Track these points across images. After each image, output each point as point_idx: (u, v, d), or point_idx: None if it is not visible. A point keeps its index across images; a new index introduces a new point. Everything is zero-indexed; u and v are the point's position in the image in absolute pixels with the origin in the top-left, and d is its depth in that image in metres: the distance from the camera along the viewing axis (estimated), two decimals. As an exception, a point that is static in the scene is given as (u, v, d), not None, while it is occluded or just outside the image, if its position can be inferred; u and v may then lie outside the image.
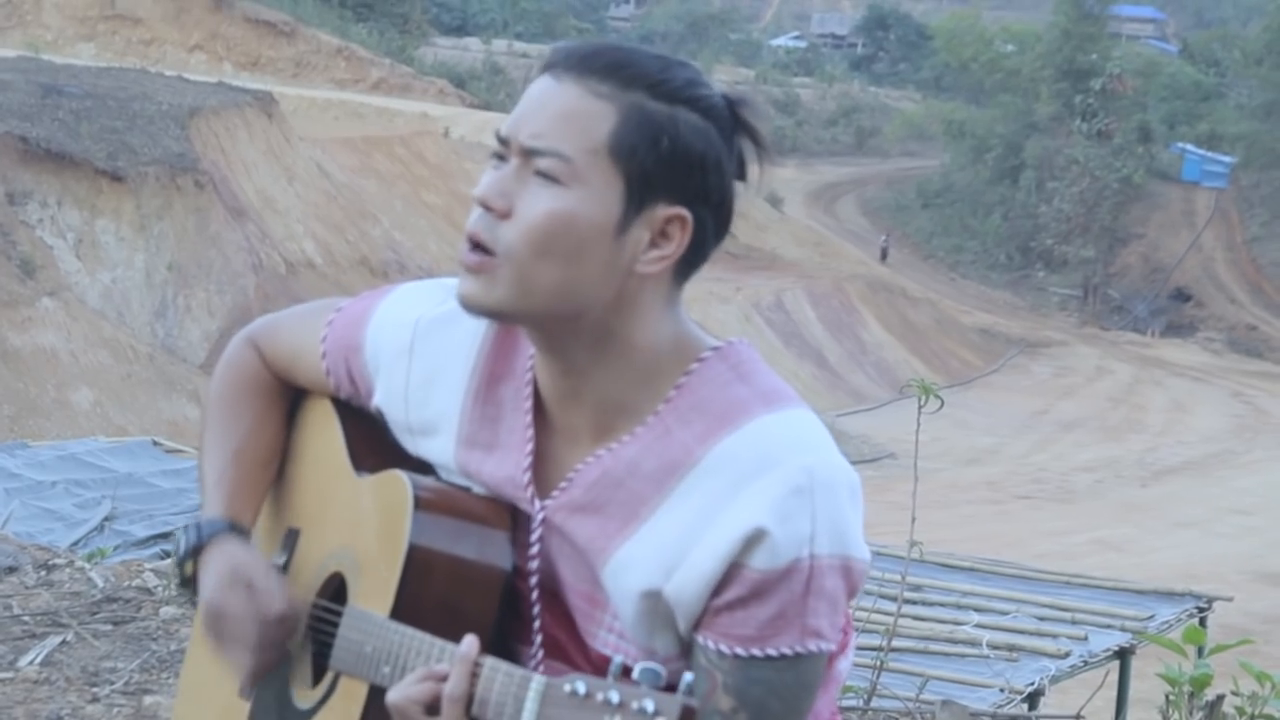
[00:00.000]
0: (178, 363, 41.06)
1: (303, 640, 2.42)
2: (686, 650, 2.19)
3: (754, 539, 2.08)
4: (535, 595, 2.27)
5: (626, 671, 1.91)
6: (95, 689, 4.83)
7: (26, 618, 5.36)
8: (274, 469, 2.57)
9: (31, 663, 4.98)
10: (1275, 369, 71.73)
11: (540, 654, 2.28)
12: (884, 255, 77.37)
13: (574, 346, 2.19)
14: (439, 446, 2.34)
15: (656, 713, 1.79)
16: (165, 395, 39.19)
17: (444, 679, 2.03)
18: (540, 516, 2.24)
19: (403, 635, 2.17)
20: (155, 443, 17.19)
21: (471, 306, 2.17)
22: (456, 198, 56.72)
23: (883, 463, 42.63)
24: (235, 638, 2.37)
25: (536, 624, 2.28)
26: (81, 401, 37.65)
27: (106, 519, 13.38)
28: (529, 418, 2.27)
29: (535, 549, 2.25)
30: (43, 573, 5.86)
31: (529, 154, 2.13)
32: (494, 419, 2.29)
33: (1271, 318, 77.93)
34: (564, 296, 2.14)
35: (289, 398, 2.59)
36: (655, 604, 2.16)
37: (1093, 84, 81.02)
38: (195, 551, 2.43)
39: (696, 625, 2.15)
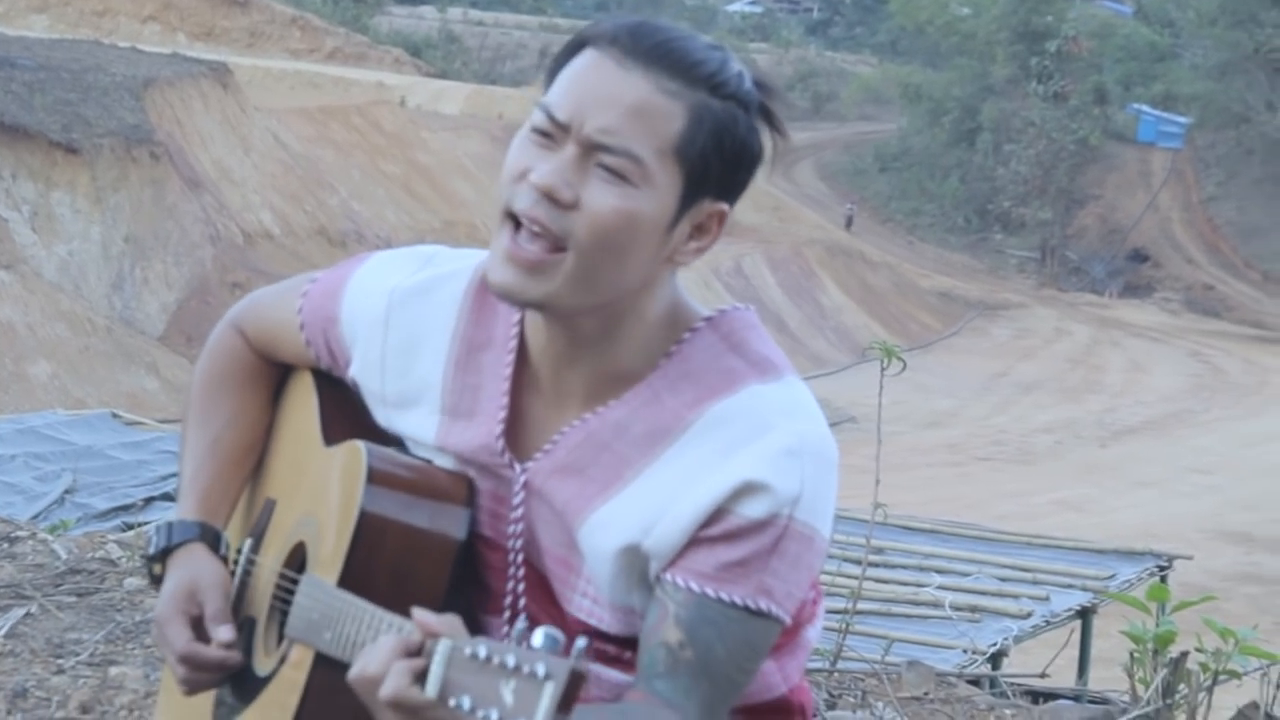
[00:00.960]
0: (136, 335, 40.92)
1: (270, 609, 2.43)
2: None
3: (746, 489, 2.11)
4: (518, 560, 2.27)
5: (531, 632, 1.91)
6: (60, 660, 4.83)
7: (-11, 590, 5.35)
8: (255, 455, 2.58)
9: (-4, 635, 4.98)
10: (1232, 328, 72.09)
11: (509, 626, 2.28)
12: (849, 223, 77.38)
13: (588, 323, 2.19)
14: (416, 419, 2.34)
15: (547, 676, 1.81)
16: (124, 367, 39.07)
17: (410, 654, 1.99)
18: (522, 479, 2.24)
19: (344, 602, 2.18)
20: (114, 415, 17.14)
21: (517, 300, 2.16)
22: (414, 167, 56.59)
23: (843, 426, 42.68)
24: (171, 664, 2.40)
25: (512, 595, 2.28)
26: (39, 374, 37.51)
27: (67, 492, 13.34)
28: (507, 384, 2.26)
29: (519, 513, 2.25)
30: (5, 545, 5.85)
31: (596, 147, 2.10)
32: (475, 387, 2.29)
33: (1228, 277, 78.28)
34: (611, 289, 2.15)
35: (273, 378, 2.60)
36: (633, 559, 2.16)
37: (1048, 46, 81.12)
38: (165, 553, 2.44)
39: (666, 566, 2.15)
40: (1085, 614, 12.72)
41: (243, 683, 2.42)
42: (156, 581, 2.46)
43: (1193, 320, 73.81)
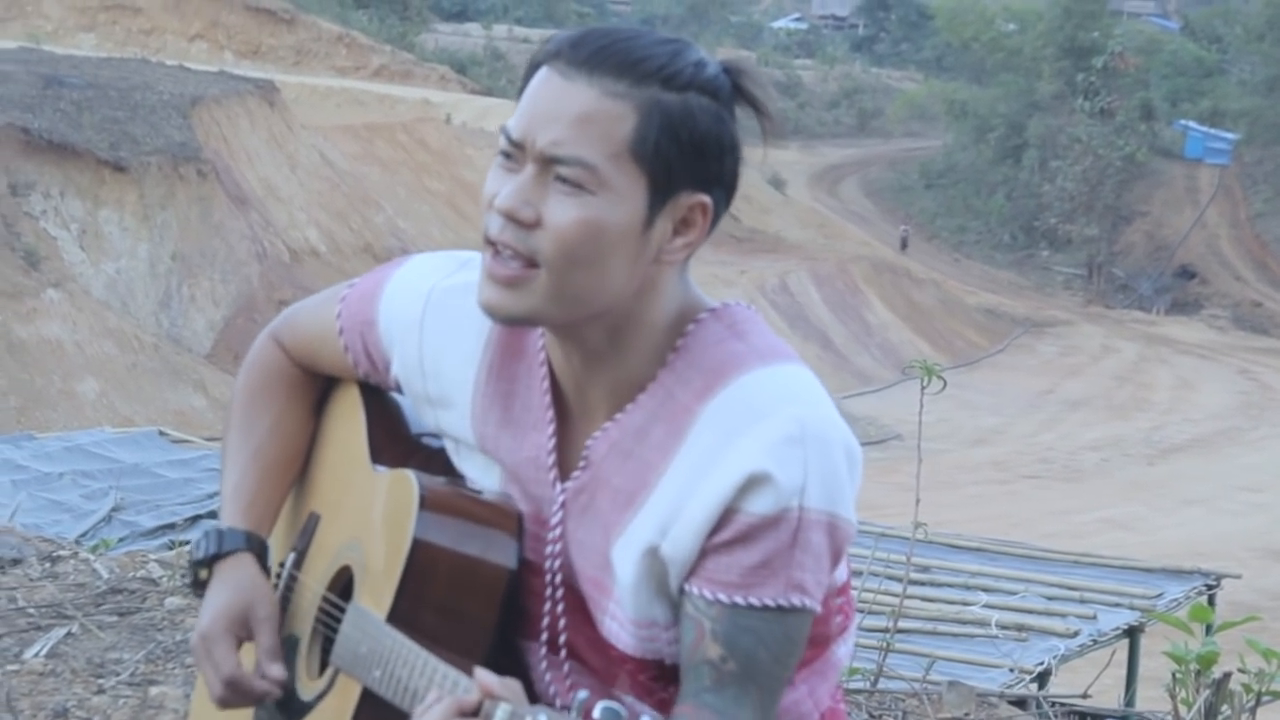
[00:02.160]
0: (183, 352, 41.07)
1: (313, 631, 2.42)
2: None
3: (750, 483, 2.08)
4: (556, 581, 2.25)
5: (593, 706, 1.89)
6: (101, 680, 4.83)
7: (31, 610, 5.36)
8: (297, 468, 2.57)
9: (37, 655, 4.98)
10: (1281, 345, 71.70)
11: (547, 650, 2.27)
12: (904, 245, 77.15)
13: (594, 336, 2.18)
14: (454, 418, 2.33)
15: None
16: (171, 385, 39.22)
17: (464, 713, 1.98)
18: (561, 499, 2.23)
19: (395, 642, 2.17)
20: (161, 433, 17.23)
21: (500, 316, 2.16)
22: (459, 184, 56.70)
23: (889, 444, 42.64)
24: (210, 680, 2.39)
25: (549, 617, 2.26)
26: (87, 392, 37.68)
27: (113, 510, 13.41)
28: (548, 398, 2.26)
29: (556, 533, 2.24)
30: (47, 564, 5.85)
31: (549, 161, 2.10)
32: (507, 394, 2.28)
33: (1276, 294, 77.84)
34: (594, 298, 2.13)
35: (314, 390, 2.59)
36: (652, 564, 2.14)
37: (1094, 62, 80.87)
38: (213, 559, 2.44)
39: (687, 574, 2.14)
40: (1133, 633, 12.66)
41: (284, 704, 2.41)
42: (200, 586, 2.45)
43: (1241, 337, 73.42)
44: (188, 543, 10.04)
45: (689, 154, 2.12)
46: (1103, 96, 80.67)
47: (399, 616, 2.20)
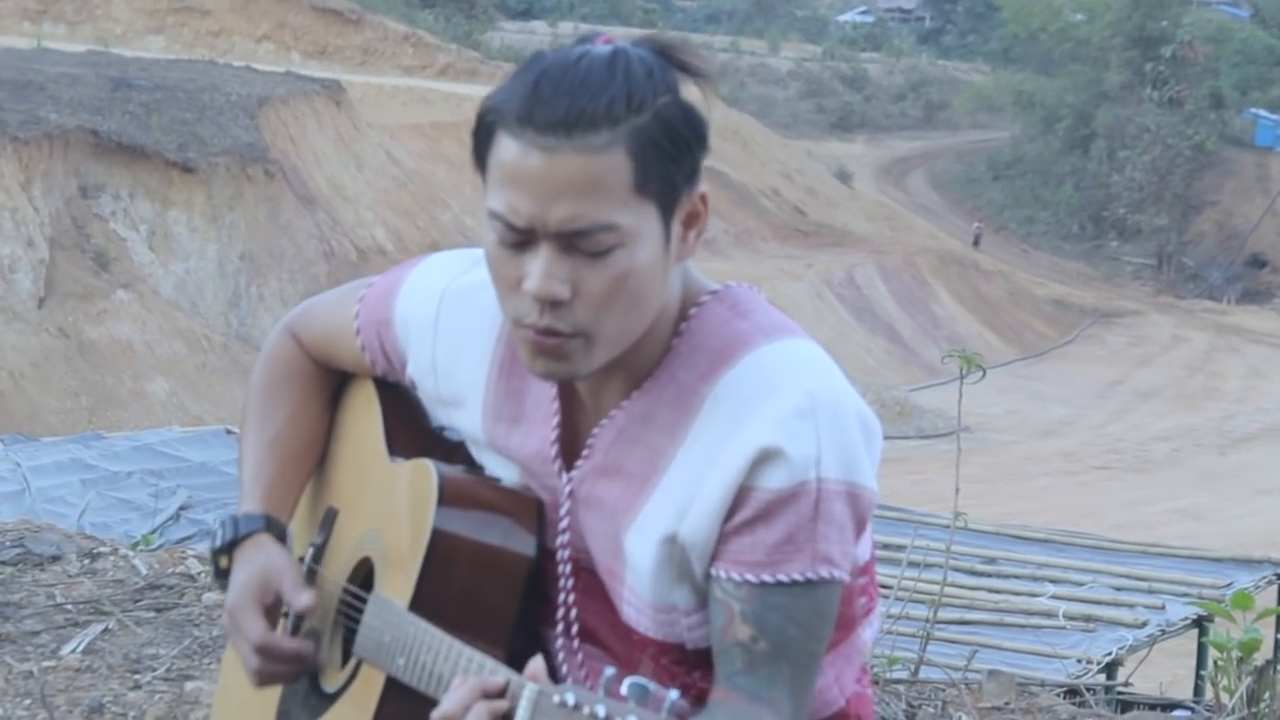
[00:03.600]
0: (251, 351, 41.23)
1: (334, 623, 2.43)
2: (705, 601, 2.18)
3: (762, 459, 2.08)
4: (568, 570, 2.26)
5: (620, 681, 1.89)
6: (137, 676, 4.85)
7: (69, 606, 5.40)
8: (314, 457, 2.59)
9: (74, 651, 5.02)
10: (1353, 334, 71.10)
11: (563, 637, 2.27)
12: (976, 241, 76.81)
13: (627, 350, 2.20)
14: (467, 418, 2.35)
15: None
16: (240, 384, 39.35)
17: (490, 695, 1.99)
18: (568, 489, 2.23)
19: (418, 629, 2.18)
20: (229, 431, 17.28)
21: (566, 379, 2.17)
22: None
23: (955, 437, 42.45)
24: (243, 654, 2.40)
25: (564, 606, 2.27)
26: (157, 392, 37.92)
27: (181, 508, 13.47)
28: (554, 390, 2.27)
29: (565, 522, 2.24)
30: (86, 561, 5.89)
31: (570, 236, 2.08)
32: (519, 391, 2.29)
33: (1349, 282, 77.23)
34: (641, 329, 2.15)
35: (330, 384, 2.60)
36: (671, 550, 2.14)
37: (1163, 51, 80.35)
38: (231, 546, 2.45)
39: (711, 559, 2.14)
40: (1202, 623, 12.57)
41: (308, 697, 2.42)
42: (223, 575, 2.46)
43: (1313, 326, 72.86)
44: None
45: (678, 159, 2.12)
46: (1171, 86, 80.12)
47: (421, 605, 2.21)
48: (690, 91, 2.16)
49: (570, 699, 1.85)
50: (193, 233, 42.49)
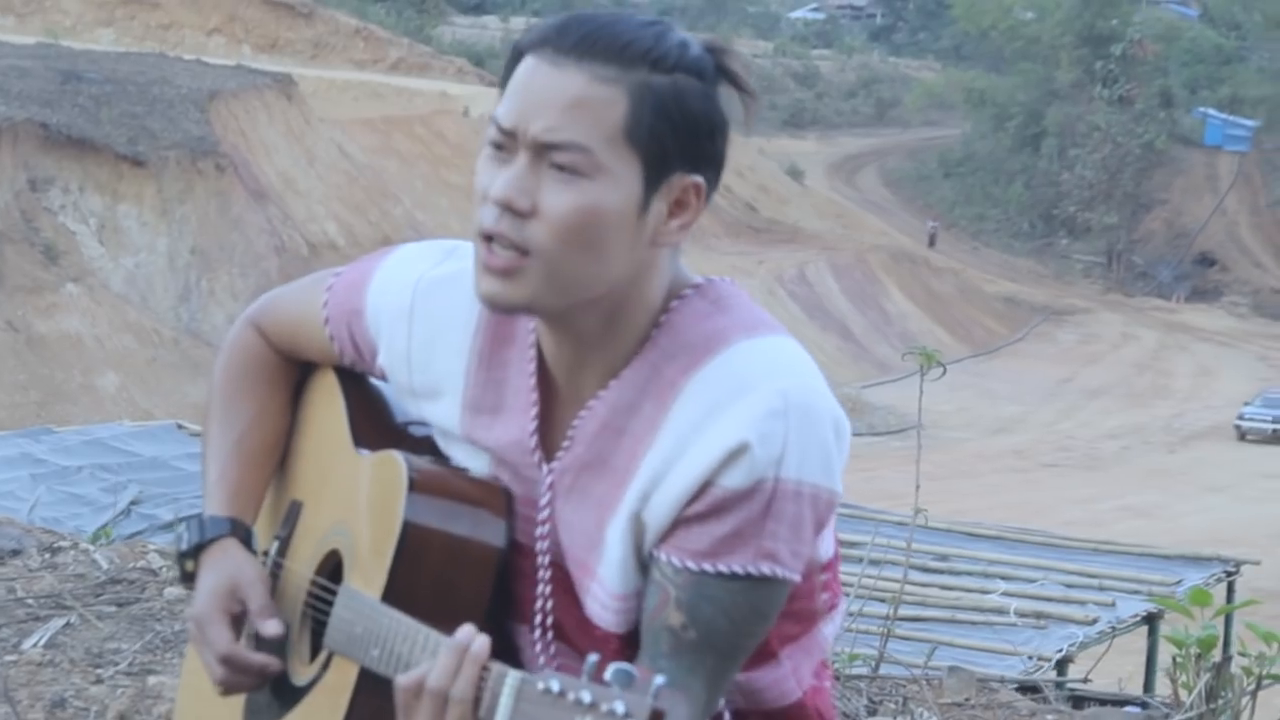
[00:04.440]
0: (202, 346, 41.15)
1: (302, 616, 2.42)
2: None
3: (733, 455, 2.07)
4: (546, 563, 2.25)
5: (604, 667, 1.89)
6: (99, 670, 4.83)
7: (30, 600, 5.37)
8: (278, 454, 2.57)
9: (35, 645, 4.99)
10: (1301, 332, 71.59)
11: (539, 632, 2.27)
12: (932, 241, 77.07)
13: (589, 321, 2.18)
14: (443, 410, 2.33)
15: (627, 714, 1.78)
16: (190, 379, 39.28)
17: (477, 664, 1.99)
18: (549, 480, 2.23)
19: (392, 620, 2.17)
20: (180, 426, 17.22)
21: (499, 306, 2.15)
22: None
23: (909, 433, 42.55)
24: (208, 663, 2.38)
25: (540, 599, 2.26)
26: (107, 386, 37.80)
27: (132, 503, 13.42)
28: (533, 380, 2.25)
29: (545, 514, 2.24)
30: (47, 555, 5.87)
31: (544, 148, 2.10)
32: (499, 381, 2.28)
33: (1297, 281, 77.76)
34: (593, 283, 2.13)
35: (293, 376, 2.59)
36: (635, 530, 2.14)
37: (1113, 50, 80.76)
38: (198, 550, 2.44)
39: (659, 541, 2.14)
40: (1152, 620, 12.65)
41: (278, 691, 2.41)
42: (189, 579, 2.44)
43: (1261, 324, 73.33)
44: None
45: (681, 135, 2.11)
46: (1121, 84, 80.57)
47: (392, 597, 2.20)
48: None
49: (555, 686, 1.84)
50: (143, 226, 42.34)
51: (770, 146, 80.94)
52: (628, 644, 2.20)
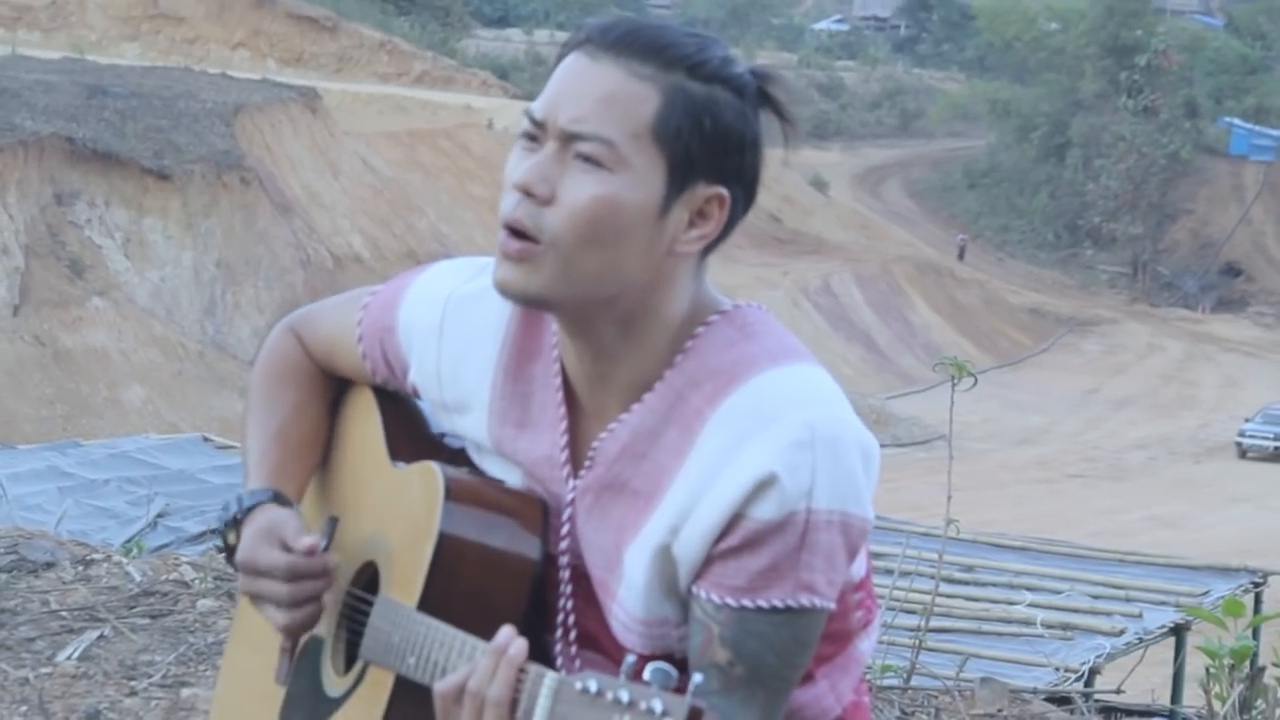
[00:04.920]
0: (227, 359, 41.24)
1: (337, 628, 2.42)
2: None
3: (758, 488, 2.07)
4: (567, 576, 2.26)
5: (642, 667, 1.89)
6: (133, 682, 4.84)
7: (64, 613, 5.38)
8: (318, 452, 2.57)
9: (69, 657, 5.00)
10: (1327, 342, 71.40)
11: (562, 642, 2.27)
12: (961, 254, 76.98)
13: (605, 329, 2.17)
14: (472, 423, 2.34)
15: (665, 713, 1.78)
16: (216, 391, 39.38)
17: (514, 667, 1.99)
18: (570, 497, 2.23)
19: (428, 627, 2.17)
20: (206, 439, 17.29)
21: (511, 293, 2.15)
22: (501, 189, 56.78)
23: (934, 444, 42.54)
24: (269, 593, 2.36)
25: (563, 611, 2.26)
26: (133, 399, 37.88)
27: (159, 516, 13.45)
28: (559, 394, 2.25)
29: (565, 528, 2.24)
30: (80, 568, 5.88)
31: (570, 138, 2.10)
32: (525, 395, 2.28)
33: (1323, 291, 77.58)
34: (606, 281, 2.12)
35: (331, 387, 2.59)
36: (664, 564, 2.14)
37: (1138, 60, 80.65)
38: (238, 522, 2.43)
39: (694, 577, 2.14)
40: (1179, 631, 12.61)
41: (314, 702, 2.41)
42: (230, 552, 2.43)
43: (1287, 334, 73.15)
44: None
45: (710, 143, 2.11)
46: (1146, 94, 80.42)
47: (428, 607, 2.20)
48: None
49: (592, 686, 1.84)
50: (168, 240, 42.45)
51: (794, 158, 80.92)
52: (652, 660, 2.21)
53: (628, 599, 2.19)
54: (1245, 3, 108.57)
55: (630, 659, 1.87)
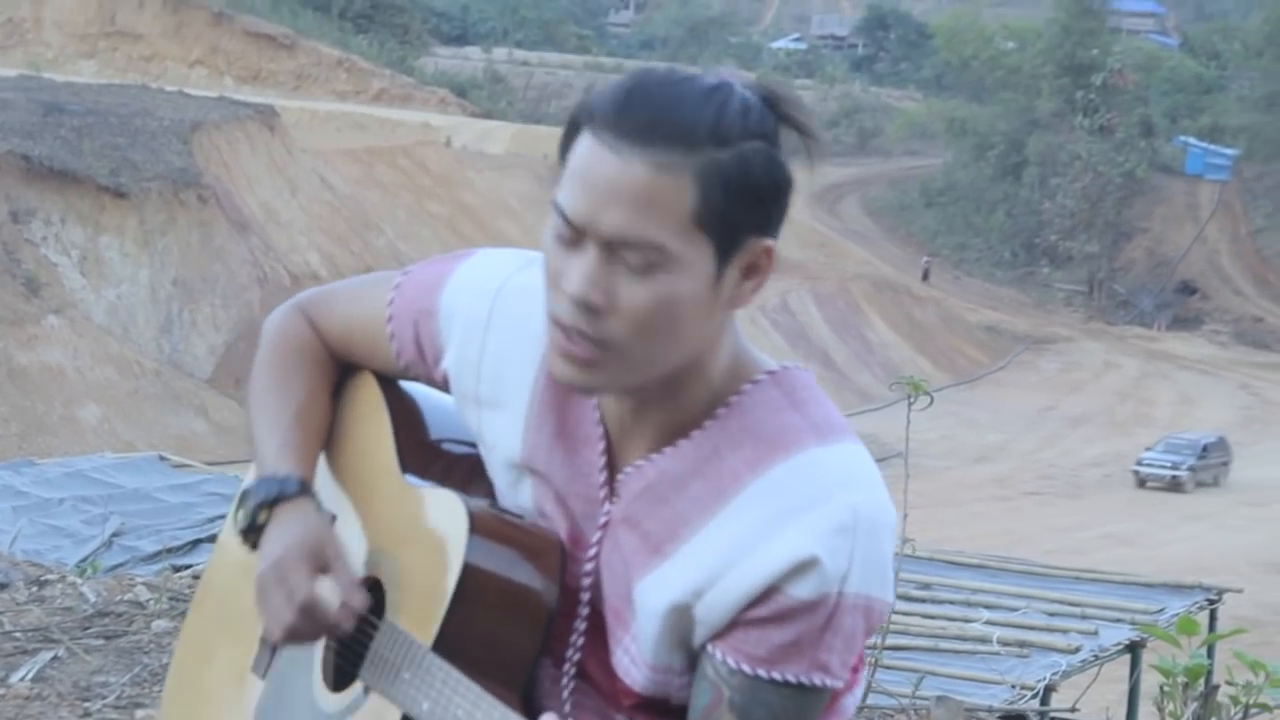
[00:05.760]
0: (184, 377, 41.10)
1: (328, 638, 2.37)
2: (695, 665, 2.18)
3: (802, 567, 2.07)
4: (585, 614, 2.24)
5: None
6: (87, 704, 4.82)
7: (18, 634, 5.35)
8: (324, 440, 2.51)
9: (23, 679, 4.97)
10: (1282, 360, 71.76)
11: (557, 671, 2.25)
12: (925, 275, 77.17)
13: (650, 385, 2.15)
14: (504, 422, 2.31)
15: None
16: (172, 410, 39.23)
17: None
18: (603, 520, 2.22)
19: (448, 677, 2.14)
20: (162, 457, 17.22)
21: (584, 390, 2.14)
22: (460, 206, 56.75)
23: (891, 462, 42.61)
24: (278, 609, 2.31)
25: (572, 648, 2.24)
26: (89, 418, 37.70)
27: (114, 535, 13.39)
28: (598, 414, 2.24)
29: (593, 552, 2.23)
30: (35, 589, 5.85)
31: (616, 245, 2.05)
32: (563, 403, 2.25)
33: (1277, 309, 77.95)
34: (671, 363, 2.11)
35: (337, 374, 2.54)
36: (680, 620, 2.13)
37: (1094, 79, 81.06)
38: (274, 503, 2.37)
39: (713, 637, 2.13)
40: (1134, 648, 12.65)
41: (306, 713, 2.37)
42: (254, 531, 2.37)
43: (1242, 352, 73.51)
44: (185, 567, 10.04)
45: (750, 205, 2.08)
46: (1102, 113, 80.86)
47: (445, 641, 2.17)
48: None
49: None
50: (125, 258, 42.30)
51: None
52: (647, 703, 2.21)
53: (642, 639, 2.18)
54: (1200, 23, 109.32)
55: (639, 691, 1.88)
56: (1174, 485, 46.33)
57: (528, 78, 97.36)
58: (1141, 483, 46.99)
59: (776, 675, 2.10)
